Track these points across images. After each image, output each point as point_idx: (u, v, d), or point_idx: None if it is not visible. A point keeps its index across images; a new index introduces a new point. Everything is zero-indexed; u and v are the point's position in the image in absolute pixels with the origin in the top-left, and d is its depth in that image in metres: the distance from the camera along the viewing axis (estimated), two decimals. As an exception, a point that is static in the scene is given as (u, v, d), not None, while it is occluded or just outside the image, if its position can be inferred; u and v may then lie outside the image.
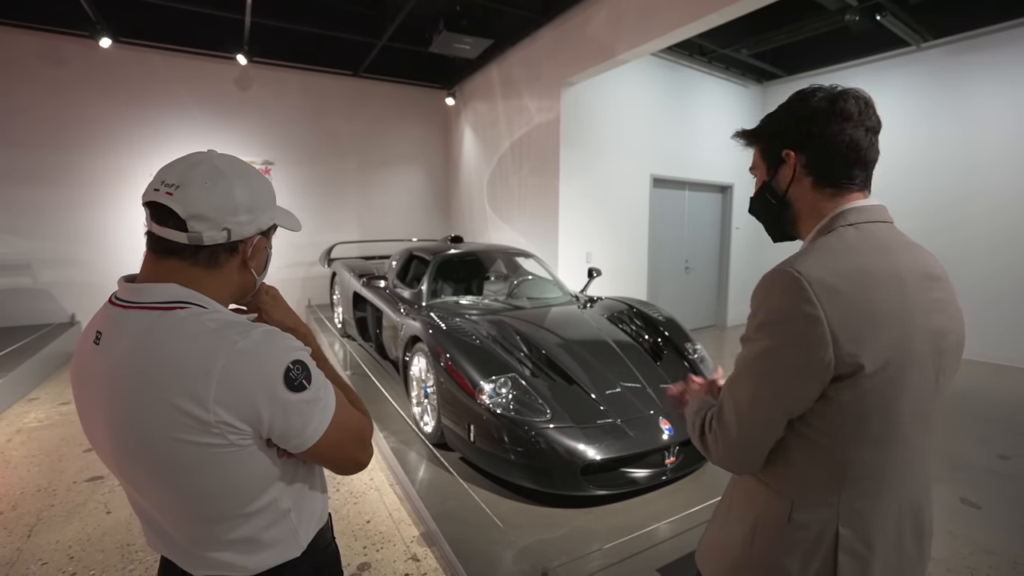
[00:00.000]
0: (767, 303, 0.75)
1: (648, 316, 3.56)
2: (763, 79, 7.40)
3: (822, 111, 0.82)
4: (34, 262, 5.75)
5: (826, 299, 0.70)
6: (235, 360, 0.71)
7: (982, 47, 5.39)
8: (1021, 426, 3.75)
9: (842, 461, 0.75)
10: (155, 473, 0.74)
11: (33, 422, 3.72)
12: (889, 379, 0.72)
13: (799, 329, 0.71)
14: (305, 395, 0.75)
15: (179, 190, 0.74)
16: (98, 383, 0.74)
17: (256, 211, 0.82)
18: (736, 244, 7.46)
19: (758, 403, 0.76)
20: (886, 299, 0.73)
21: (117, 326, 0.75)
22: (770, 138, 0.90)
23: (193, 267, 0.78)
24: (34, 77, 5.53)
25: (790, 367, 0.72)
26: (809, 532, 0.76)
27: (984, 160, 5.46)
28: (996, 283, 5.41)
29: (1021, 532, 2.41)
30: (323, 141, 7.19)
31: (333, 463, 0.86)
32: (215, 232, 0.76)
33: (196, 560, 0.81)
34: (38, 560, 2.21)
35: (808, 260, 0.74)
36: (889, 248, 0.78)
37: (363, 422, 0.89)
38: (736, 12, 3.60)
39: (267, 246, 0.88)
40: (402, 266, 4.54)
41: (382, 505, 2.65)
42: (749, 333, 0.79)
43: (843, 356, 0.70)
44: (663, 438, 2.56)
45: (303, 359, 0.77)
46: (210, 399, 0.69)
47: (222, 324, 0.74)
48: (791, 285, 0.72)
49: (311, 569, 0.88)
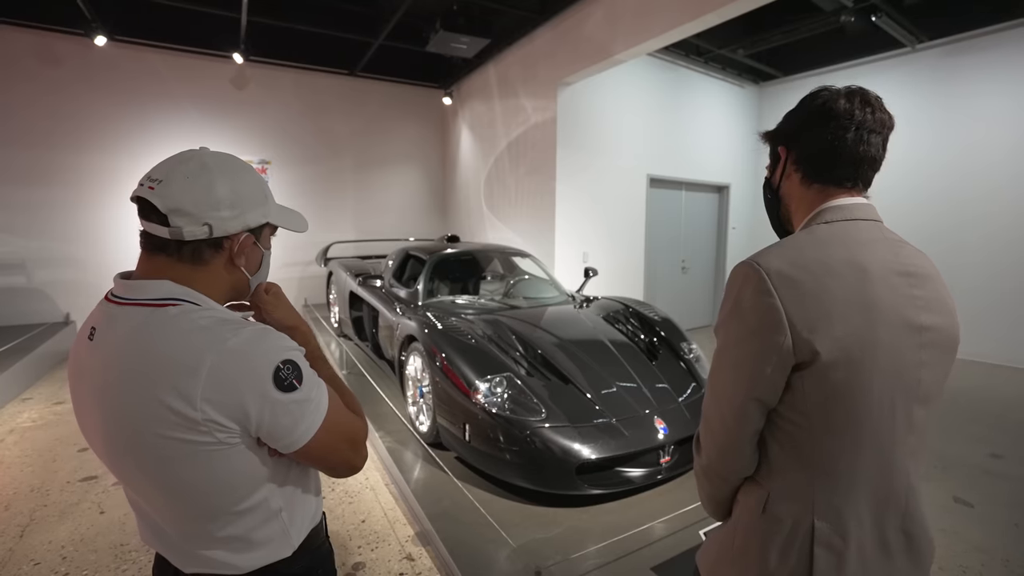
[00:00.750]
0: (731, 294, 0.80)
1: (644, 316, 3.56)
2: (759, 80, 7.42)
3: (813, 110, 0.86)
4: (28, 261, 5.72)
5: (782, 288, 0.74)
6: (224, 358, 0.70)
7: (977, 49, 5.42)
8: (1013, 425, 3.77)
9: (812, 453, 0.77)
10: (145, 470, 0.74)
11: (27, 422, 3.70)
12: (852, 370, 0.74)
13: (759, 317, 0.75)
14: (295, 395, 0.75)
15: (161, 185, 0.75)
16: (91, 379, 0.74)
17: (241, 207, 0.80)
18: (732, 244, 7.47)
19: (734, 394, 0.79)
20: (844, 290, 0.75)
21: (111, 322, 0.75)
22: (773, 136, 0.95)
23: (180, 263, 0.78)
24: (29, 76, 5.50)
25: (754, 353, 0.76)
26: (784, 524, 0.78)
27: (979, 161, 5.48)
28: (991, 284, 5.44)
29: (1013, 530, 2.42)
30: (320, 140, 7.18)
31: (324, 464, 0.85)
32: (195, 227, 0.76)
33: (187, 557, 0.81)
34: (30, 560, 2.19)
35: (770, 253, 0.78)
36: (861, 243, 0.80)
37: (357, 425, 0.88)
38: (732, 12, 3.61)
39: (259, 245, 0.86)
40: (398, 265, 4.54)
41: (377, 504, 2.65)
42: (718, 324, 0.83)
43: (800, 343, 0.73)
44: (658, 437, 2.56)
45: (294, 359, 0.76)
46: (197, 397, 0.69)
47: (214, 322, 0.74)
48: (751, 276, 0.76)
49: (303, 568, 0.87)
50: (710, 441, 0.86)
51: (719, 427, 0.83)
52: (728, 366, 0.80)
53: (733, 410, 0.80)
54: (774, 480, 0.81)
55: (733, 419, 0.80)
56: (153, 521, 0.82)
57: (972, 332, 5.49)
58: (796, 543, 0.77)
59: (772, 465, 0.81)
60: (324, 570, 0.95)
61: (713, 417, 0.85)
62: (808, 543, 0.76)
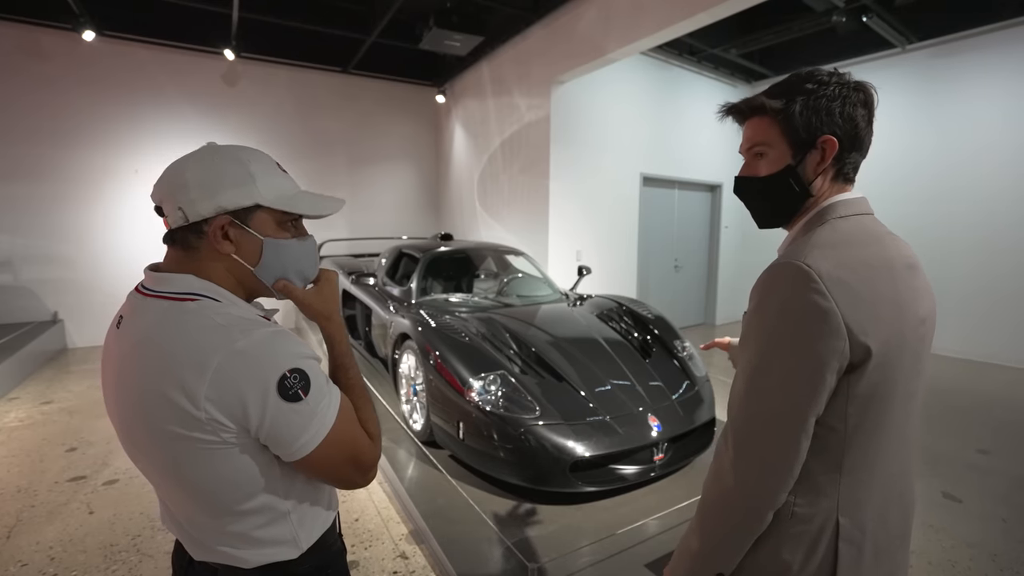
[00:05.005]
0: (774, 297, 0.73)
1: (637, 314, 3.57)
2: (752, 79, 7.46)
3: (859, 100, 0.79)
4: (15, 259, 5.63)
5: (836, 291, 0.69)
6: (231, 359, 0.70)
7: (966, 49, 5.48)
8: (1000, 421, 3.82)
9: (843, 451, 0.75)
10: (156, 461, 0.76)
11: (14, 422, 3.65)
12: (888, 369, 0.73)
13: (816, 321, 0.69)
14: (298, 406, 0.73)
15: (156, 181, 0.80)
16: (114, 366, 0.77)
17: (210, 188, 0.76)
18: (725, 243, 7.52)
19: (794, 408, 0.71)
20: (884, 288, 0.74)
21: (136, 313, 0.77)
22: (805, 119, 0.79)
23: (184, 255, 0.80)
24: (14, 71, 5.40)
25: (816, 362, 0.69)
26: (812, 525, 0.75)
27: (967, 160, 5.55)
28: (975, 281, 5.52)
29: (1000, 525, 2.45)
30: (312, 138, 7.13)
31: (325, 477, 0.83)
32: (174, 213, 0.77)
33: (199, 546, 0.82)
34: (17, 561, 2.16)
35: (813, 253, 0.72)
36: (879, 239, 0.80)
37: (364, 446, 0.83)
38: (724, 12, 3.62)
39: (249, 230, 0.80)
40: (391, 264, 4.52)
41: (371, 503, 2.64)
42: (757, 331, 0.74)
43: (856, 346, 0.70)
44: (652, 435, 2.57)
45: (305, 368, 0.74)
46: (201, 396, 0.69)
47: (229, 320, 0.73)
48: (801, 277, 0.70)
49: (312, 568, 0.86)
50: (753, 468, 0.73)
51: (773, 449, 0.72)
52: (779, 377, 0.71)
53: (793, 427, 0.71)
54: (800, 483, 0.75)
55: (788, 434, 0.71)
56: (168, 506, 0.85)
57: (958, 329, 5.57)
58: (823, 541, 0.75)
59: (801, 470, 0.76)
60: (335, 569, 0.93)
61: (758, 437, 0.73)
62: (834, 540, 0.75)
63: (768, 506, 0.74)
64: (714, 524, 0.79)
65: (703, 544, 0.80)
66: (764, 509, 0.74)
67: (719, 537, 0.78)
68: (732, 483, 0.75)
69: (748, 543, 0.77)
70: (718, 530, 0.78)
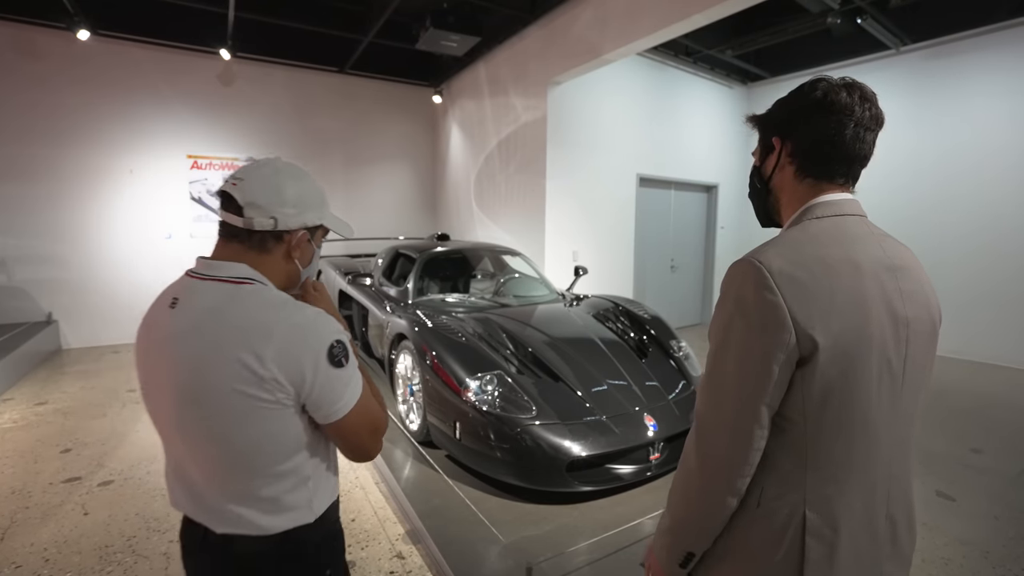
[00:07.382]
0: (730, 292, 0.78)
1: (634, 314, 3.58)
2: (747, 80, 7.49)
3: (814, 101, 0.83)
4: (9, 259, 5.60)
5: (784, 286, 0.73)
6: (292, 330, 0.85)
7: (960, 51, 5.52)
8: (993, 421, 3.85)
9: (807, 448, 0.77)
10: (208, 420, 0.85)
11: (8, 423, 3.63)
12: (848, 366, 0.74)
13: (763, 314, 0.73)
14: (341, 372, 0.88)
15: (241, 182, 0.91)
16: (170, 341, 0.86)
17: (302, 207, 0.95)
18: (721, 243, 7.54)
19: (743, 397, 0.76)
20: (841, 287, 0.75)
21: (193, 293, 0.89)
22: (765, 124, 0.93)
23: (249, 250, 0.92)
24: (8, 70, 5.37)
25: (762, 352, 0.74)
26: (779, 516, 0.78)
27: (963, 162, 5.59)
28: (973, 283, 5.55)
29: (993, 523, 2.47)
30: (308, 138, 7.11)
31: (348, 443, 0.95)
32: (264, 219, 0.90)
33: (220, 516, 0.89)
34: (11, 563, 2.15)
35: (769, 251, 0.77)
36: (854, 239, 0.80)
37: (381, 414, 1.00)
38: (720, 13, 3.64)
39: (312, 243, 1.00)
40: (388, 264, 4.52)
41: (367, 503, 2.64)
42: (716, 326, 0.80)
43: (803, 338, 0.73)
44: (648, 434, 2.58)
45: (345, 341, 0.90)
46: (268, 358, 0.82)
47: (282, 299, 0.89)
48: (751, 273, 0.75)
49: (319, 538, 0.96)
50: (711, 454, 0.79)
51: (727, 437, 0.77)
52: (733, 367, 0.76)
53: (745, 416, 0.75)
54: (768, 474, 0.79)
55: (742, 423, 0.76)
56: (191, 483, 0.91)
57: (954, 330, 5.59)
58: (789, 533, 0.77)
59: (767, 460, 0.80)
60: (336, 547, 1.03)
61: (714, 425, 0.78)
62: (800, 533, 0.76)
63: (726, 491, 0.78)
64: (679, 504, 0.84)
65: (672, 522, 0.86)
66: (722, 493, 0.78)
67: (684, 517, 0.84)
68: (694, 466, 0.81)
69: (713, 525, 0.81)
70: (682, 510, 0.84)
